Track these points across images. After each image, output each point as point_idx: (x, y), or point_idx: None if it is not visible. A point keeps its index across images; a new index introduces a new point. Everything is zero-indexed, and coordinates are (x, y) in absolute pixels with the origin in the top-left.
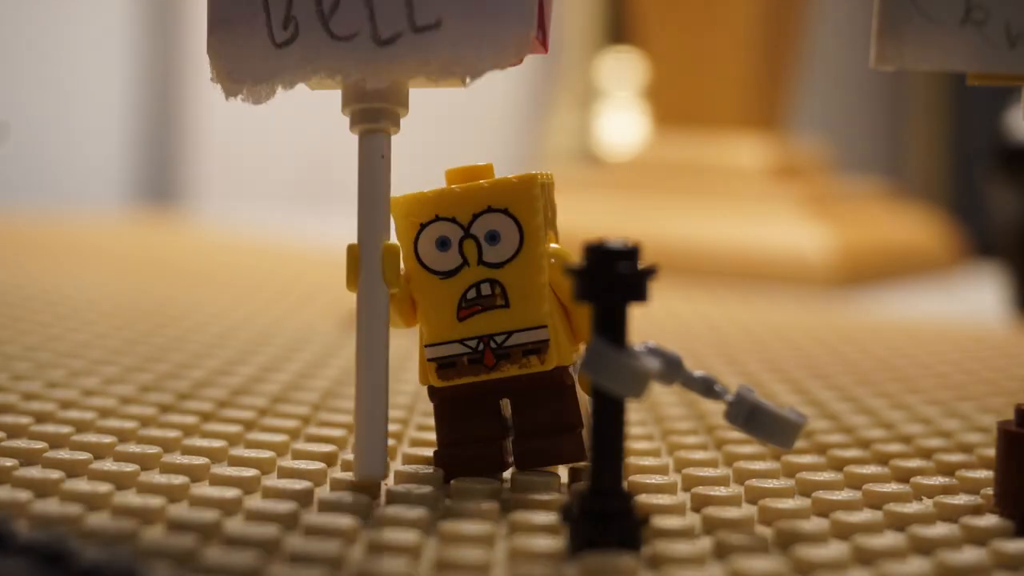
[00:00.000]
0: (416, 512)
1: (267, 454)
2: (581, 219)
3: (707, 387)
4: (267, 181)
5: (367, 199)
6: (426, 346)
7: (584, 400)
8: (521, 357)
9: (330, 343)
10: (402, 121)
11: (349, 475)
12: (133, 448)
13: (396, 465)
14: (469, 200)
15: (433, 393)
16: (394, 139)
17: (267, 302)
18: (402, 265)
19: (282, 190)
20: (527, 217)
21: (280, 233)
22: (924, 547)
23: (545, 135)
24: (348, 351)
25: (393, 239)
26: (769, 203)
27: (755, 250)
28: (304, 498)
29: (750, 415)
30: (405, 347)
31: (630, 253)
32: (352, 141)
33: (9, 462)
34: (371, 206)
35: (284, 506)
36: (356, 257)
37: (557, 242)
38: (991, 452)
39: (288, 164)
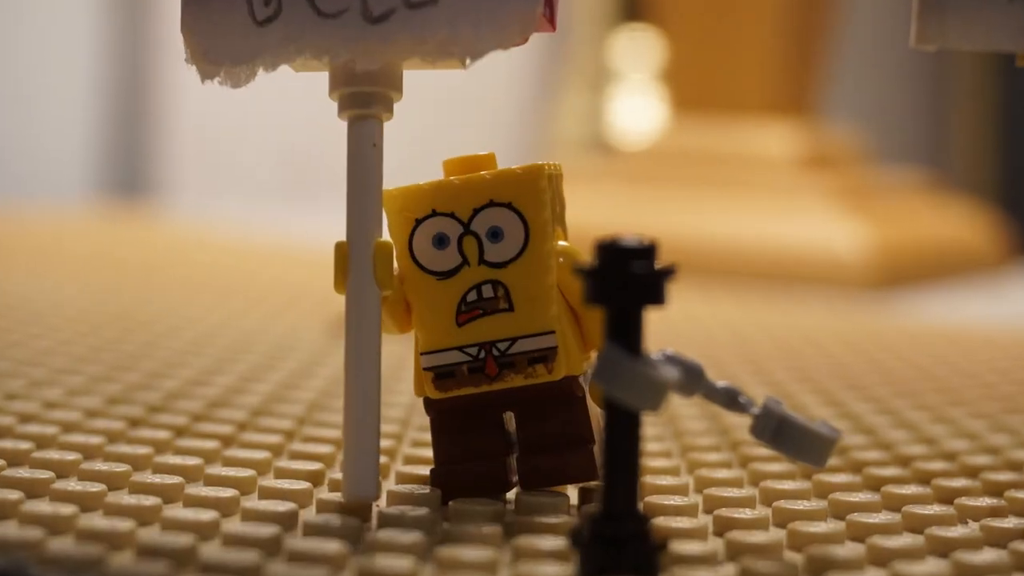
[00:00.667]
0: (411, 536)
1: (247, 472)
2: (592, 214)
3: (731, 399)
4: (247, 172)
5: (357, 192)
6: (422, 354)
7: (596, 413)
8: (526, 366)
9: (316, 350)
10: (395, 106)
11: (337, 496)
12: (99, 466)
13: (389, 485)
14: (469, 193)
15: (429, 405)
16: (387, 126)
17: (247, 305)
18: (395, 265)
19: (264, 182)
20: (533, 212)
21: (261, 229)
22: (969, 575)
23: (553, 122)
24: (336, 359)
25: (386, 236)
26: (799, 196)
27: (783, 248)
28: (288, 521)
29: (778, 429)
30: (399, 355)
31: (646, 251)
32: (340, 128)
33: None
34: (361, 200)
35: (266, 530)
36: (345, 256)
37: (566, 239)
38: None
39: (270, 154)
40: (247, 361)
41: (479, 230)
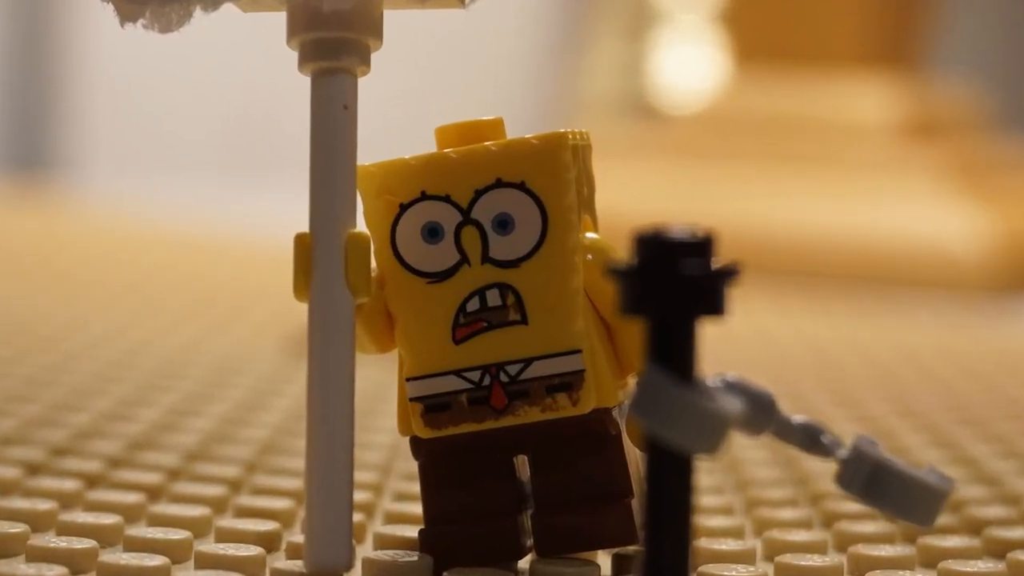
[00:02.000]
0: None
1: (180, 534)
2: (631, 197)
3: (811, 438)
4: (181, 143)
5: (323, 168)
6: (408, 380)
7: (635, 457)
8: (545, 396)
9: (271, 375)
10: (373, 57)
11: (298, 565)
12: None
13: (365, 550)
14: (470, 170)
15: (418, 447)
16: (363, 83)
17: (182, 316)
18: (374, 263)
19: (204, 156)
20: (553, 194)
21: (200, 217)
22: None
23: (578, 78)
24: (297, 387)
25: (361, 226)
26: (899, 174)
27: (878, 241)
28: None
29: (872, 478)
30: (378, 381)
31: (700, 246)
32: (303, 86)
33: None
34: (329, 179)
35: None
36: (308, 251)
37: (596, 230)
38: None
39: (212, 119)
40: (181, 389)
41: (483, 218)
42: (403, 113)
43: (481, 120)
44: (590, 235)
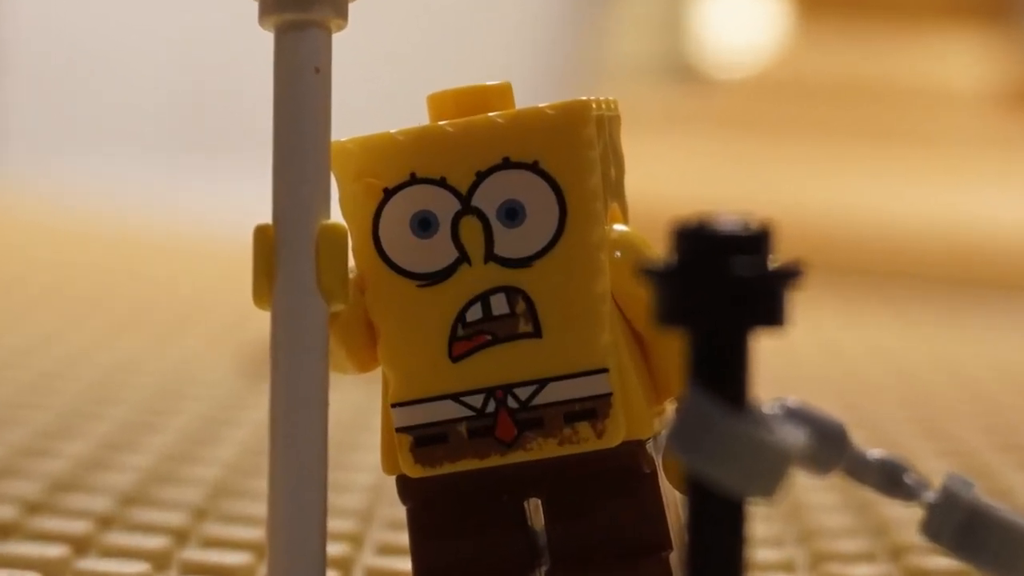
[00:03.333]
0: None
1: None
2: (669, 181)
3: (890, 478)
4: (119, 117)
5: (289, 145)
6: (394, 406)
7: (673, 500)
8: (563, 425)
9: (225, 398)
10: (352, 8)
11: None
12: None
13: None
14: (471, 147)
15: (407, 489)
16: (339, 40)
17: (117, 326)
18: (351, 262)
19: (147, 132)
20: (573, 178)
21: (142, 206)
22: None
23: (605, 36)
24: (257, 414)
25: (337, 216)
26: (997, 152)
27: (972, 234)
28: None
29: (966, 527)
30: (358, 406)
31: (754, 241)
32: (265, 44)
33: None
34: (296, 158)
35: None
36: (271, 247)
37: (626, 222)
38: None
39: (155, 87)
40: (115, 417)
41: (486, 207)
42: (388, 77)
43: (485, 85)
44: (618, 227)
